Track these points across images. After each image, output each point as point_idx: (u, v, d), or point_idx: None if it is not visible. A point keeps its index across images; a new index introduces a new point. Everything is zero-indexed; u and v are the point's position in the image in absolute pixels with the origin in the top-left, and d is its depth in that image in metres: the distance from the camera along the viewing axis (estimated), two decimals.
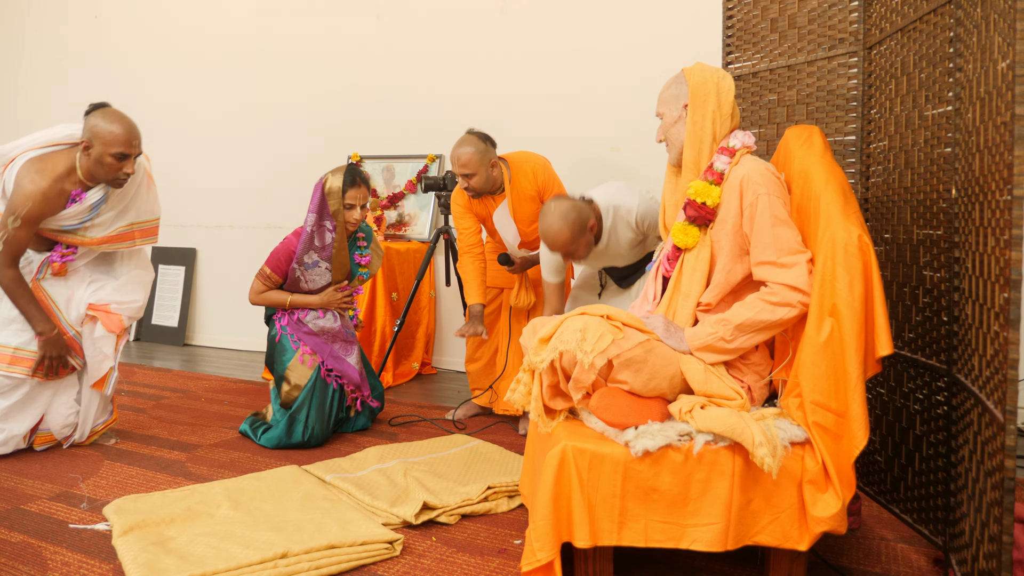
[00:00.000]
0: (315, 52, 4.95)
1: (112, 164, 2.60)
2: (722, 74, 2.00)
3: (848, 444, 1.65)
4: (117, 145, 2.59)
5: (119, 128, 2.60)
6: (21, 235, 2.58)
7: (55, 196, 2.61)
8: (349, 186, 2.97)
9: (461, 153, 3.00)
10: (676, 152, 2.06)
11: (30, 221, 2.58)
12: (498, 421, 3.34)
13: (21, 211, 2.55)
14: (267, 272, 3.03)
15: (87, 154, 2.60)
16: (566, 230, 2.59)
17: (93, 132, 2.59)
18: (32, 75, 6.25)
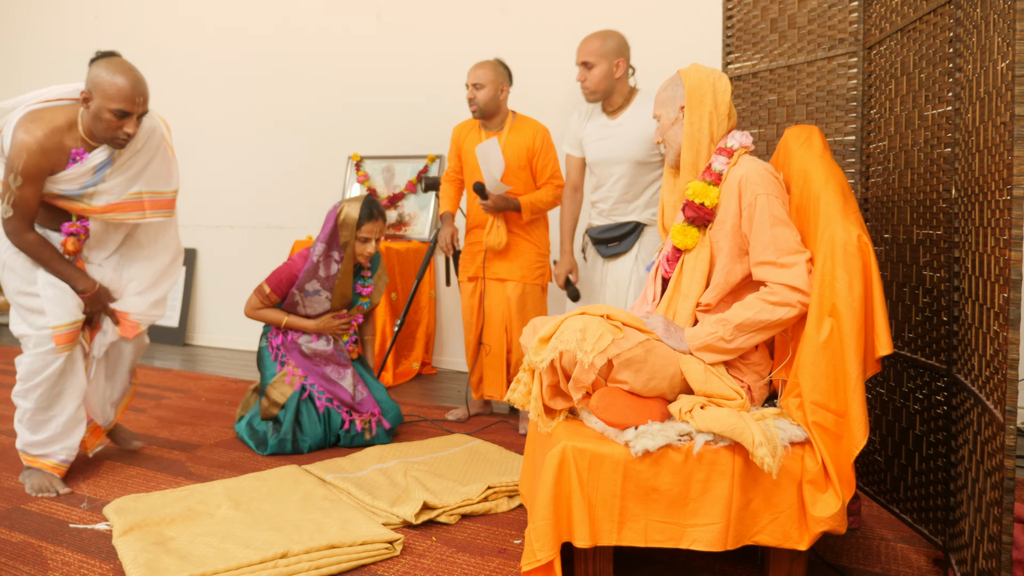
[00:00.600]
0: (315, 52, 4.95)
1: (111, 121, 2.30)
2: (718, 74, 2.01)
3: (848, 444, 1.65)
4: (118, 100, 2.28)
5: (123, 81, 2.28)
6: (28, 193, 2.33)
7: (53, 149, 2.33)
8: (367, 219, 2.91)
9: (479, 67, 3.16)
10: (674, 153, 2.07)
11: (30, 176, 2.31)
12: (498, 421, 3.34)
13: (18, 165, 2.29)
14: (266, 291, 3.01)
15: (86, 107, 2.33)
16: (602, 38, 2.81)
17: (94, 83, 2.30)
18: (32, 75, 6.25)
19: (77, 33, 5.98)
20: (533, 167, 3.21)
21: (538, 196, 3.17)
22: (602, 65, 2.83)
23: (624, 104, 2.90)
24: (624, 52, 2.87)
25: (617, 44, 2.86)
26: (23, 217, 2.36)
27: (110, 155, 2.42)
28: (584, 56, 2.85)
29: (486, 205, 3.10)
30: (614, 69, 2.84)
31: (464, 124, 3.39)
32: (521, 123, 3.25)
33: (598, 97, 2.90)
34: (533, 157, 3.19)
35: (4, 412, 3.43)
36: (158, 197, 2.58)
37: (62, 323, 2.39)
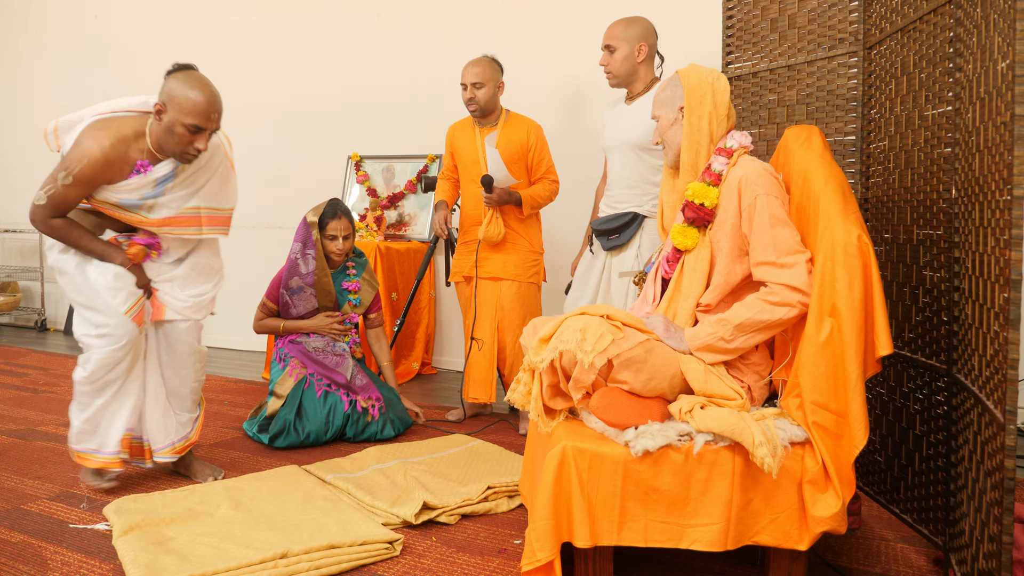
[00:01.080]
0: (315, 51, 4.95)
1: (183, 136, 2.24)
2: (717, 75, 2.01)
3: (848, 444, 1.65)
4: (194, 115, 2.22)
5: (200, 96, 2.23)
6: (70, 194, 2.24)
7: (117, 160, 2.25)
8: (330, 217, 3.09)
9: (474, 66, 3.19)
10: (673, 154, 2.06)
11: (83, 182, 2.23)
12: (498, 420, 3.34)
13: (75, 168, 2.21)
14: (264, 301, 3.23)
15: (159, 119, 2.26)
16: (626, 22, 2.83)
17: (170, 95, 2.24)
18: (32, 75, 6.25)
19: (77, 33, 5.98)
20: (528, 163, 3.23)
21: (536, 191, 3.20)
22: (624, 48, 2.81)
23: (644, 91, 2.87)
24: (647, 38, 2.84)
25: (642, 29, 2.84)
26: (55, 210, 2.28)
27: (174, 169, 2.35)
28: (607, 39, 2.84)
29: (490, 199, 3.11)
30: (635, 53, 2.81)
31: (458, 123, 3.40)
32: (514, 120, 3.28)
33: (620, 82, 2.87)
34: (528, 152, 3.22)
35: (4, 412, 3.43)
36: (215, 213, 2.50)
37: (130, 304, 2.35)
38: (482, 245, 3.23)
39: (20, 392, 3.87)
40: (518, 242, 3.23)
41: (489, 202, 3.13)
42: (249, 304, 4.95)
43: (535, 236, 3.29)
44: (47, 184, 2.26)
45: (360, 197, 4.76)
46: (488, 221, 3.16)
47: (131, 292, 2.36)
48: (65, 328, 5.93)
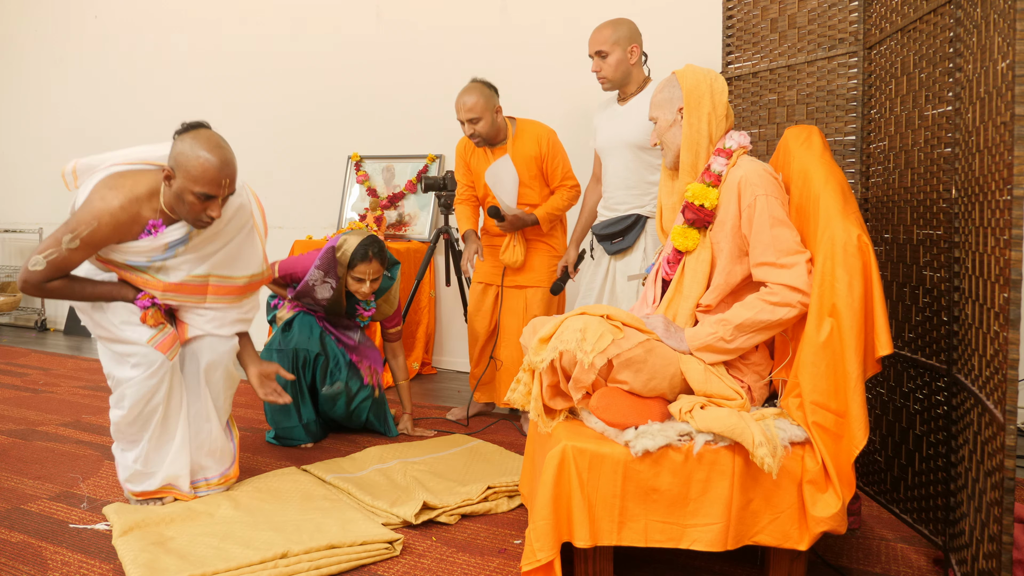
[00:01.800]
0: (315, 51, 4.95)
1: (193, 204, 2.07)
2: (714, 75, 2.00)
3: (848, 444, 1.65)
4: (202, 183, 2.04)
5: (208, 161, 2.04)
6: (74, 258, 2.09)
7: (127, 221, 2.10)
8: (359, 260, 2.87)
9: (467, 99, 3.05)
10: (672, 155, 2.06)
11: (90, 245, 2.08)
12: (498, 420, 3.34)
13: (83, 231, 2.05)
14: (276, 274, 3.06)
15: (168, 184, 2.11)
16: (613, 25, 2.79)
17: (177, 160, 2.07)
18: (32, 75, 6.25)
19: (77, 33, 5.99)
20: (544, 172, 3.17)
21: (553, 204, 3.14)
22: (616, 52, 2.78)
23: (637, 91, 2.85)
24: (636, 38, 2.83)
25: (629, 30, 2.82)
26: (54, 273, 2.10)
27: (187, 232, 2.19)
28: (598, 45, 2.81)
29: (504, 227, 3.11)
30: (628, 55, 2.80)
31: (466, 141, 3.29)
32: (523, 131, 3.17)
33: (615, 86, 2.86)
34: (543, 163, 3.15)
35: (4, 412, 3.43)
36: (224, 282, 2.29)
37: (152, 334, 2.20)
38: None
39: (20, 392, 3.87)
40: (541, 248, 3.21)
41: (504, 229, 3.13)
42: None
43: (559, 241, 3.27)
44: (47, 248, 2.07)
45: (360, 197, 4.76)
46: (506, 247, 3.16)
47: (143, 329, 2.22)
48: (65, 328, 5.93)
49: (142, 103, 5.71)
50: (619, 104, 2.90)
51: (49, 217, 6.20)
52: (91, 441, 3.01)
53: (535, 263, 3.20)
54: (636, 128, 2.75)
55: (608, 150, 2.89)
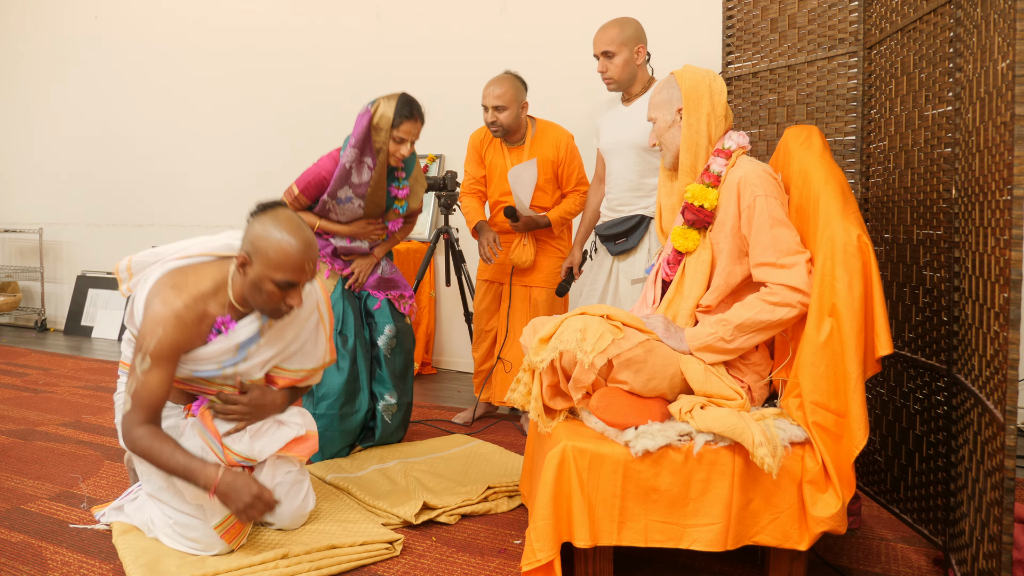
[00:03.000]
0: (315, 51, 4.95)
1: (273, 293, 1.87)
2: (713, 75, 2.00)
3: (848, 444, 1.65)
4: (285, 269, 1.84)
5: (292, 246, 1.84)
6: (154, 380, 1.85)
7: (193, 322, 1.89)
8: (405, 118, 2.63)
9: (496, 87, 3.03)
10: (672, 156, 2.06)
11: (162, 357, 1.85)
12: (498, 420, 3.34)
13: (150, 343, 1.83)
14: (295, 192, 2.76)
15: (242, 272, 1.90)
16: (619, 25, 2.74)
17: (255, 245, 1.86)
18: (32, 75, 6.25)
19: (77, 33, 5.99)
20: (559, 176, 3.18)
21: (565, 208, 3.15)
22: (623, 53, 2.75)
23: (642, 92, 2.83)
24: (643, 38, 2.80)
25: (635, 30, 2.79)
26: (145, 409, 1.85)
27: (259, 328, 1.99)
28: (604, 45, 2.76)
29: (517, 227, 3.10)
30: (635, 56, 2.77)
31: (483, 133, 3.25)
32: (544, 132, 3.16)
33: (621, 87, 2.82)
34: (559, 167, 3.15)
35: (4, 412, 3.43)
36: (289, 376, 2.12)
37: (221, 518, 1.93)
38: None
39: (20, 392, 3.87)
40: (548, 252, 3.21)
41: (517, 230, 3.12)
42: None
43: (565, 241, 3.27)
44: (129, 379, 1.89)
45: None
46: (515, 246, 3.15)
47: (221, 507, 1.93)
48: (65, 328, 5.93)
49: (142, 103, 5.71)
50: (623, 105, 2.88)
51: (49, 217, 6.20)
52: (91, 441, 3.01)
53: (542, 264, 3.20)
54: (641, 129, 2.72)
55: (613, 151, 2.87)
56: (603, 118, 2.95)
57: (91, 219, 6.02)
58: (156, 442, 1.84)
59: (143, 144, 5.71)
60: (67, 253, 6.17)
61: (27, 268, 6.13)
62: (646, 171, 2.78)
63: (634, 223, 2.77)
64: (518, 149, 3.16)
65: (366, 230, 2.84)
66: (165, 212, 5.66)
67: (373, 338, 2.91)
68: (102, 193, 5.93)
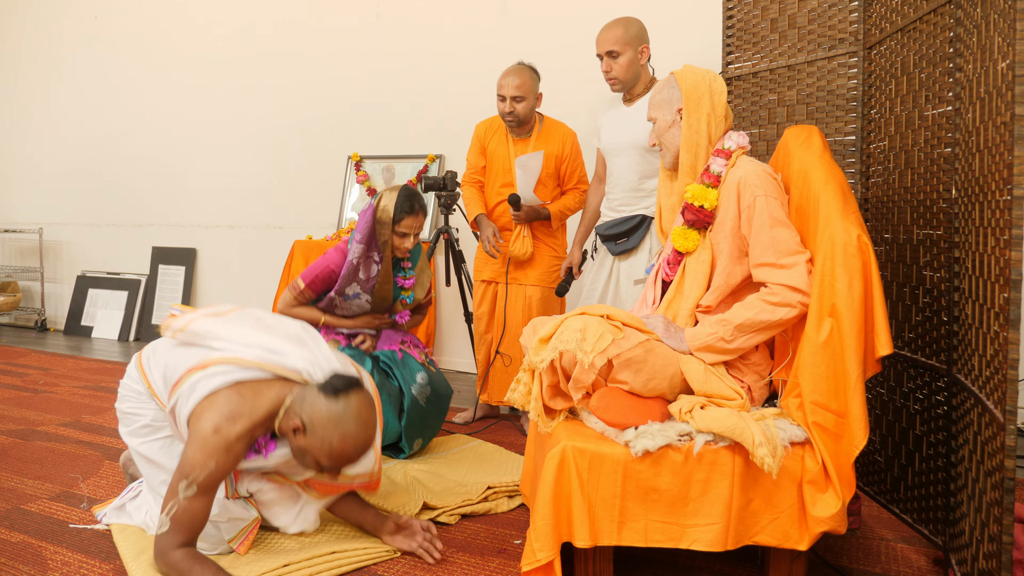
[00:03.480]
0: (315, 51, 4.95)
1: (315, 466, 1.83)
2: (713, 75, 2.00)
3: (848, 444, 1.65)
4: (335, 460, 1.79)
5: (350, 443, 1.77)
6: (198, 508, 1.76)
7: (241, 450, 1.80)
8: (406, 213, 2.64)
9: (515, 77, 3.06)
10: (671, 156, 2.06)
11: (210, 488, 1.76)
12: (498, 420, 3.34)
13: (199, 475, 1.73)
14: (301, 287, 2.71)
15: (294, 435, 1.80)
16: (624, 25, 2.72)
17: (313, 422, 1.77)
18: (32, 75, 6.25)
19: (77, 33, 5.99)
20: (561, 173, 3.20)
21: (564, 203, 3.17)
22: (628, 53, 2.72)
23: (644, 91, 2.81)
24: (646, 38, 2.78)
25: (639, 30, 2.76)
26: (185, 533, 1.77)
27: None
28: (609, 45, 2.73)
29: (518, 216, 3.10)
30: (639, 56, 2.74)
31: (489, 123, 3.29)
32: (550, 129, 3.20)
33: (625, 87, 2.80)
34: (562, 163, 3.17)
35: (4, 412, 3.43)
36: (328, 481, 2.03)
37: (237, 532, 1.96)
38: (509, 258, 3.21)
39: (20, 392, 3.87)
40: (543, 251, 3.22)
41: (518, 219, 3.11)
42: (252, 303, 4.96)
43: (560, 243, 3.28)
44: (168, 502, 1.76)
45: (360, 197, 4.76)
46: (515, 238, 3.14)
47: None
48: (65, 328, 5.93)
49: (142, 103, 5.71)
50: (625, 105, 2.87)
51: (49, 217, 6.20)
52: (91, 441, 3.01)
53: (537, 262, 3.20)
54: (643, 129, 2.70)
55: (614, 151, 2.86)
56: (604, 118, 2.94)
57: (91, 219, 6.02)
58: (197, 565, 1.76)
59: (143, 144, 5.71)
60: (67, 253, 6.17)
61: (27, 268, 6.13)
62: (647, 171, 2.78)
63: (635, 223, 2.77)
64: (523, 141, 3.18)
65: (372, 324, 2.81)
66: (165, 212, 5.66)
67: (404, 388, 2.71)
68: (102, 193, 5.93)
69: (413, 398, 2.68)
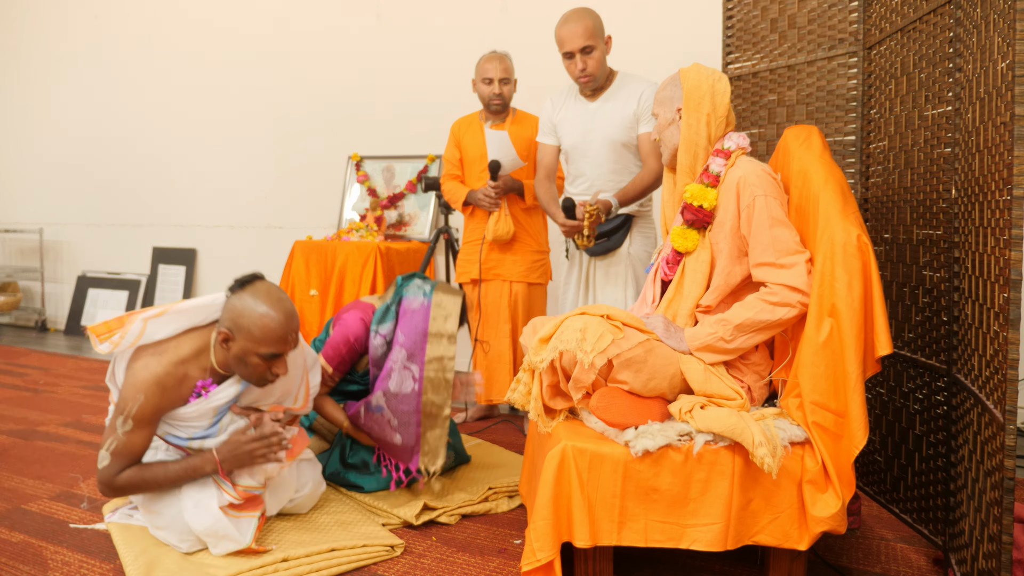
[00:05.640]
0: (315, 51, 4.95)
1: (259, 365, 1.91)
2: (718, 76, 2.00)
3: (848, 444, 1.65)
4: (269, 342, 1.88)
5: (274, 319, 1.88)
6: (136, 441, 1.91)
7: (173, 385, 1.92)
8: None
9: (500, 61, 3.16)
10: (670, 153, 2.06)
11: (144, 420, 1.90)
12: (498, 421, 3.34)
13: (131, 407, 1.88)
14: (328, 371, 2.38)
15: (225, 347, 1.93)
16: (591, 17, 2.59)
17: (236, 322, 1.89)
18: (32, 75, 6.25)
19: (77, 33, 5.99)
20: (534, 159, 3.23)
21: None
22: (600, 46, 2.60)
23: (607, 84, 2.69)
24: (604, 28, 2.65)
25: (600, 20, 2.63)
26: (123, 463, 1.92)
27: (238, 392, 2.01)
28: (585, 40, 2.56)
29: (496, 187, 3.06)
30: (606, 47, 2.64)
31: (464, 120, 3.37)
32: (523, 116, 3.30)
33: (598, 83, 2.66)
34: (535, 149, 3.20)
35: (4, 412, 3.43)
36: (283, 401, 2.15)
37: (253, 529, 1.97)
38: (488, 246, 3.19)
39: (20, 392, 3.87)
40: (525, 241, 3.21)
41: (495, 189, 3.07)
42: None
43: (540, 235, 3.28)
44: (107, 438, 1.92)
45: (360, 197, 4.75)
46: (497, 219, 3.13)
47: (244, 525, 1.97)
48: (65, 328, 5.93)
49: (143, 102, 5.71)
50: (588, 100, 2.73)
51: (49, 217, 6.20)
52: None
53: (518, 258, 3.20)
54: (616, 123, 2.63)
55: (584, 149, 2.72)
56: (563, 115, 2.78)
57: (91, 219, 6.02)
58: (145, 471, 1.92)
59: (143, 144, 5.71)
60: (67, 253, 6.17)
61: (27, 268, 6.13)
62: (623, 169, 2.68)
63: (618, 223, 2.66)
64: (498, 126, 3.24)
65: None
66: (165, 212, 5.66)
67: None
68: (102, 193, 5.93)
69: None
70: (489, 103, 3.20)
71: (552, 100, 2.89)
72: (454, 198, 3.29)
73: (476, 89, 3.24)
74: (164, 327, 1.97)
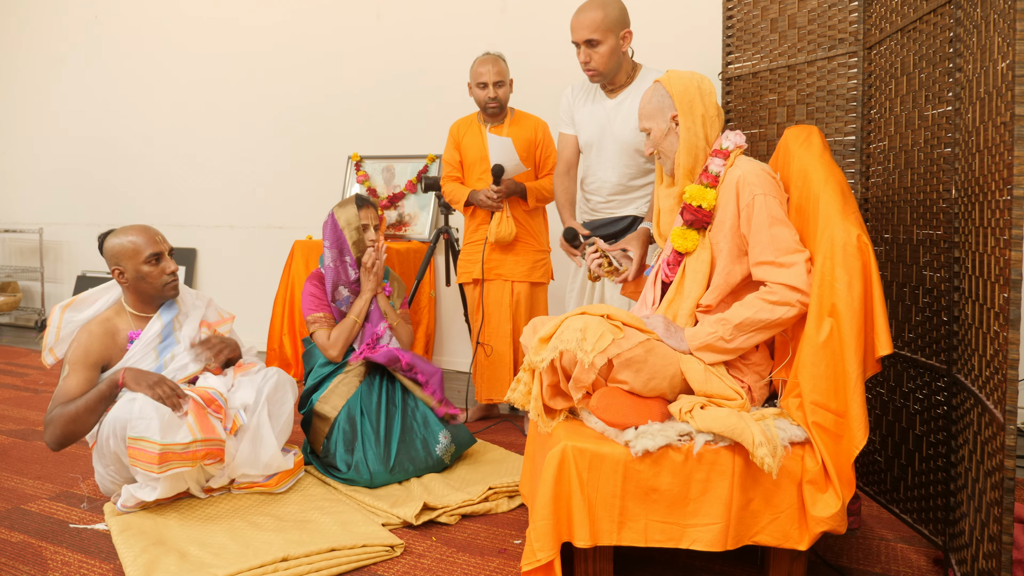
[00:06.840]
0: (315, 51, 4.95)
1: (152, 271, 2.35)
2: (699, 77, 1.99)
3: (848, 444, 1.65)
4: (144, 247, 2.35)
5: (134, 231, 2.37)
6: (72, 383, 2.23)
7: (102, 334, 2.32)
8: (361, 206, 2.76)
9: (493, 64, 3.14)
10: (671, 163, 2.04)
11: (78, 363, 2.26)
12: (498, 421, 3.34)
13: (68, 355, 2.28)
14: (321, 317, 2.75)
15: (124, 280, 2.37)
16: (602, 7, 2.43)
17: (115, 254, 2.35)
18: (32, 75, 6.25)
19: (77, 33, 5.99)
20: (536, 160, 3.24)
21: (542, 183, 3.20)
22: (609, 40, 2.45)
23: (627, 82, 2.58)
24: (627, 21, 2.49)
25: (620, 13, 2.47)
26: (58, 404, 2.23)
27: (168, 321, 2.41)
28: (588, 33, 2.44)
29: (499, 190, 3.05)
30: (621, 43, 2.48)
31: (462, 121, 3.36)
32: (520, 117, 3.30)
33: (606, 78, 2.55)
34: (535, 150, 3.23)
35: (4, 412, 3.43)
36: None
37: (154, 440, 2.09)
38: (489, 246, 3.19)
39: (20, 392, 3.87)
40: (527, 241, 3.21)
41: (497, 193, 3.06)
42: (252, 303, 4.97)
43: (542, 235, 3.28)
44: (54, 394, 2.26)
45: None
46: (499, 221, 3.13)
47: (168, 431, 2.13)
48: None
49: (143, 102, 5.71)
50: (608, 97, 2.64)
51: (49, 217, 6.20)
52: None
53: (520, 258, 3.20)
54: (631, 127, 2.56)
55: (598, 147, 2.67)
56: (582, 109, 2.72)
57: (91, 219, 6.02)
58: (71, 404, 2.20)
59: (143, 144, 5.71)
60: (67, 253, 6.17)
61: (27, 268, 6.13)
62: (636, 174, 2.65)
63: (626, 224, 2.67)
64: (497, 129, 3.23)
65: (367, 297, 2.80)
66: (165, 212, 5.66)
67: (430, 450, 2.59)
68: (102, 193, 5.93)
69: (438, 458, 2.59)
70: (485, 107, 3.20)
71: (572, 90, 2.80)
72: (455, 199, 3.28)
73: (472, 93, 3.24)
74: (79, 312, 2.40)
